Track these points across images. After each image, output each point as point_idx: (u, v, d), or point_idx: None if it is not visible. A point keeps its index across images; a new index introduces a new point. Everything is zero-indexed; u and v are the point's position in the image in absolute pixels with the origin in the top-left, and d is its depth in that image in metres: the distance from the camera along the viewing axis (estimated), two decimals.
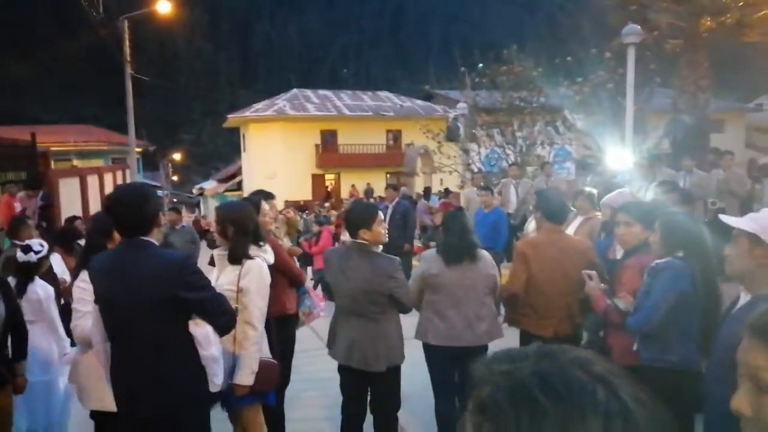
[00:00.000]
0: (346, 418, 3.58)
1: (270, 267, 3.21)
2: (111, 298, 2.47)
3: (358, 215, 3.46)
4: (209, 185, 37.75)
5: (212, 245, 3.40)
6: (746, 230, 1.88)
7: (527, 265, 3.58)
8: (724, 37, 13.80)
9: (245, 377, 3.02)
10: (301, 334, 4.28)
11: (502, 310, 4.22)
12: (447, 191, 16.28)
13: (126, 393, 2.55)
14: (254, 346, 3.04)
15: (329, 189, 30.21)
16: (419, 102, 31.61)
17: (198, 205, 37.83)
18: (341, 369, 3.54)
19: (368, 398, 3.53)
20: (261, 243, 3.25)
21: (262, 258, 3.19)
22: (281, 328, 3.55)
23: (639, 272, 2.92)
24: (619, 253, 3.71)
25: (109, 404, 2.74)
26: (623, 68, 10.45)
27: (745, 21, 13.20)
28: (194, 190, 41.19)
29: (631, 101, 9.82)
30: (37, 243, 3.71)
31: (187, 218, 9.25)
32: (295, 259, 4.71)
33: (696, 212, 5.88)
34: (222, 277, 3.14)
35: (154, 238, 2.54)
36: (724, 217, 2.10)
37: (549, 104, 14.82)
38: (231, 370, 3.00)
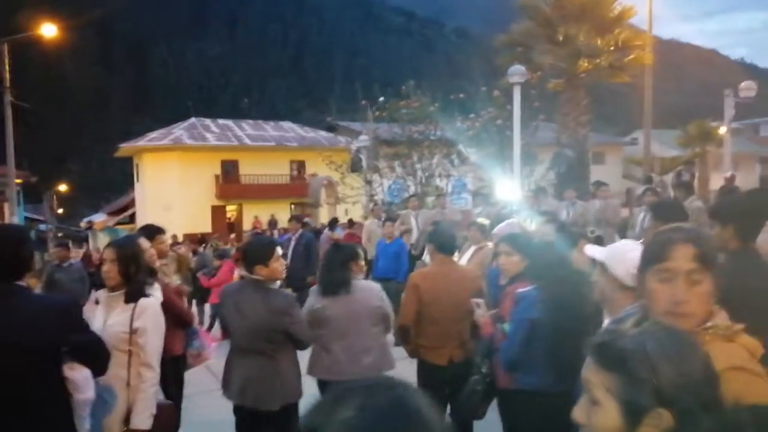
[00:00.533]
0: None
1: None
2: None
3: (255, 250, 3.44)
4: (99, 218, 35.51)
5: (100, 285, 3.22)
6: (599, 259, 2.09)
7: (419, 296, 3.70)
8: (599, 78, 15.17)
9: (144, 421, 2.87)
10: (196, 374, 4.14)
11: None
12: (351, 222, 16.43)
13: None
14: (153, 387, 2.91)
15: (231, 220, 29.46)
16: (323, 133, 31.81)
17: (86, 239, 35.42)
18: (236, 409, 3.45)
19: None
20: (149, 281, 3.15)
21: (153, 296, 3.08)
22: (169, 370, 3.43)
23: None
24: (505, 281, 3.95)
25: None
26: (511, 105, 11.17)
27: (616, 64, 14.63)
28: (82, 224, 38.55)
29: (518, 136, 10.51)
30: None
31: (75, 254, 8.63)
32: (185, 299, 4.56)
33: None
34: (111, 319, 2.99)
35: (25, 283, 2.43)
36: (587, 248, 2.32)
37: (445, 138, 15.48)
38: (125, 415, 2.86)
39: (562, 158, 14.41)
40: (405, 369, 3.68)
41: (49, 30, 15.61)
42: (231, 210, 29.86)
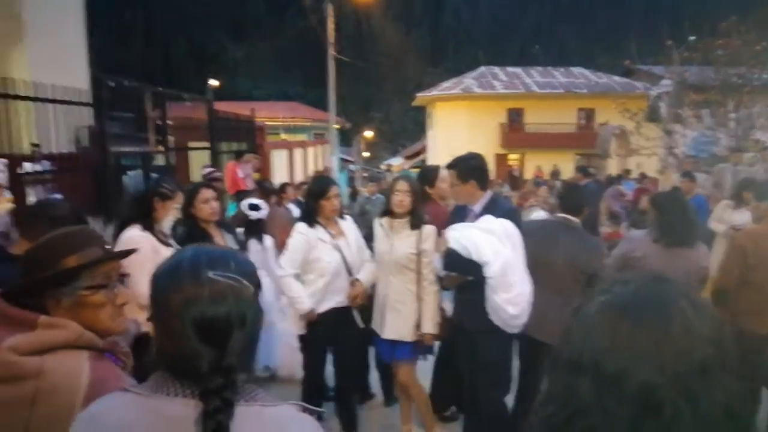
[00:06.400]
0: None
1: None
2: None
3: (569, 198, 3.78)
4: (396, 162, 39.37)
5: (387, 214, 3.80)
6: None
7: (744, 259, 3.30)
8: None
9: (431, 327, 3.53)
10: None
11: None
12: (643, 176, 15.10)
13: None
14: (435, 300, 3.57)
15: (512, 169, 29.72)
16: (617, 78, 29.41)
17: (383, 179, 39.67)
18: (521, 337, 3.59)
19: None
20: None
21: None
22: None
23: None
24: None
25: None
26: None
27: None
28: (382, 166, 43.28)
29: None
30: (262, 202, 4.37)
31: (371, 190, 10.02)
32: None
33: None
34: (398, 241, 3.52)
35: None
36: None
37: None
38: (416, 323, 3.53)
39: None
40: None
41: None
42: (513, 159, 30.03)
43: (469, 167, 3.36)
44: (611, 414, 0.75)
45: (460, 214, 3.49)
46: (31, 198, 4.92)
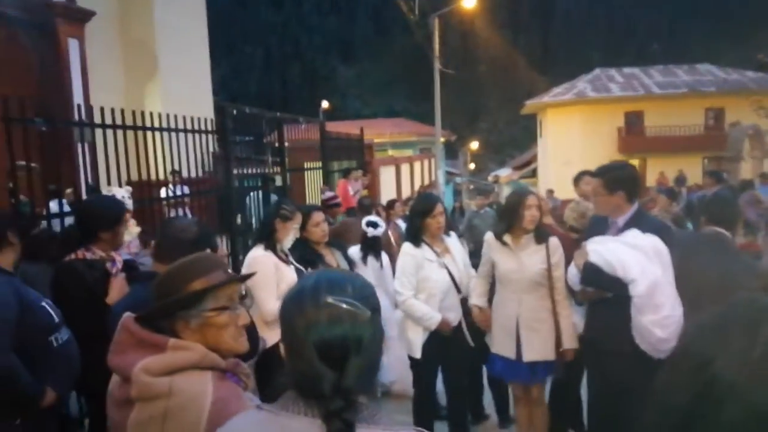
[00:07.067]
0: None
1: None
2: None
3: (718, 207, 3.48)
4: (504, 172, 38.68)
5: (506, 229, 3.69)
6: None
7: None
8: None
9: (573, 342, 3.47)
10: None
11: None
12: None
13: None
14: (571, 313, 3.49)
15: None
16: (749, 74, 26.98)
17: (491, 191, 39.18)
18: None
19: None
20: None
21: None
22: None
23: None
24: None
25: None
26: None
27: None
28: (489, 178, 42.70)
29: None
30: (380, 220, 4.50)
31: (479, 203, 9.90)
32: None
33: None
34: (527, 258, 3.45)
35: None
36: None
37: None
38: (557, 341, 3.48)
39: None
40: None
41: (469, 1, 17.46)
42: (634, 164, 28.35)
43: (618, 177, 3.10)
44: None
45: (600, 227, 3.26)
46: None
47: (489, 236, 3.63)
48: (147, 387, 1.35)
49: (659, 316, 2.79)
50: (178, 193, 5.97)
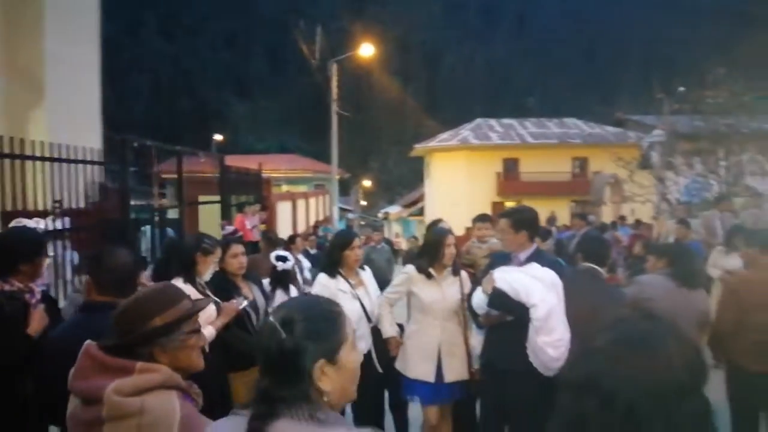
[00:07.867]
0: None
1: None
2: None
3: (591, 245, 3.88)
4: (394, 210, 39.86)
5: (410, 262, 4.02)
6: None
7: (738, 303, 3.54)
8: None
9: (476, 363, 3.80)
10: None
11: None
12: (638, 222, 15.44)
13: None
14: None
15: None
16: (609, 128, 30.24)
17: (382, 227, 40.14)
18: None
19: None
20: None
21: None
22: None
23: None
24: None
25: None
26: None
27: None
28: (380, 214, 43.73)
29: None
30: (289, 254, 4.53)
31: (377, 238, 10.24)
32: None
33: None
34: (447, 289, 3.83)
35: None
36: None
37: (762, 130, 13.42)
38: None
39: None
40: None
41: (367, 49, 18.28)
42: (509, 206, 30.44)
43: (523, 218, 3.55)
44: (606, 424, 0.95)
45: (502, 260, 3.67)
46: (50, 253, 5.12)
47: (411, 269, 3.92)
48: (119, 406, 1.48)
49: (552, 338, 3.22)
50: (59, 225, 5.69)
